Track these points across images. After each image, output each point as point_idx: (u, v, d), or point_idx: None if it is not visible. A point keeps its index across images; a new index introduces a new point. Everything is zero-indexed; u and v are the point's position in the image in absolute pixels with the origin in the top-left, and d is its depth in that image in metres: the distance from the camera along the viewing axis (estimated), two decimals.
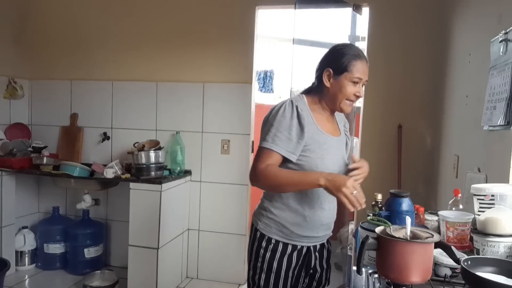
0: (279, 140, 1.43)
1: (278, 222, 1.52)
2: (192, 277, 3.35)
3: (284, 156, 1.44)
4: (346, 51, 1.49)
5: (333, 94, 1.51)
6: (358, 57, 1.48)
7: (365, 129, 3.03)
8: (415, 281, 1.07)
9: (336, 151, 1.56)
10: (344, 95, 1.49)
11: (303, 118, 1.45)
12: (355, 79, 1.47)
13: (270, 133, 1.45)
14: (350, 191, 1.30)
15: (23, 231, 3.33)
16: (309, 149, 1.47)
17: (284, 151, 1.44)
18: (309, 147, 1.47)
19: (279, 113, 1.46)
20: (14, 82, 3.40)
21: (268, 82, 4.77)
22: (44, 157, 3.22)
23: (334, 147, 1.55)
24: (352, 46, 1.54)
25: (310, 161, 1.47)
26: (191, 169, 3.28)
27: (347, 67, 1.46)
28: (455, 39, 2.49)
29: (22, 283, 3.17)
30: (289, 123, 1.44)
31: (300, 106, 1.47)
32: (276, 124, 1.45)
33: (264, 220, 1.55)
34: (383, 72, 2.94)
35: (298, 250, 1.55)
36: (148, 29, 3.33)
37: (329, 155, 1.51)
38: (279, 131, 1.44)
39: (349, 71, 1.47)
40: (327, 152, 1.50)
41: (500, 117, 1.56)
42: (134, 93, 3.37)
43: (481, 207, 1.38)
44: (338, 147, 1.58)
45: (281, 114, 1.45)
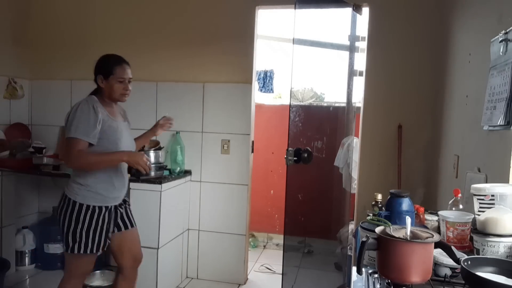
0: (80, 130, 1.90)
1: (93, 191, 2.01)
2: (192, 277, 3.35)
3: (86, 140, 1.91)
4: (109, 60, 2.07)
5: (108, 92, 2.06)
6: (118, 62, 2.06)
7: (365, 129, 3.03)
8: (415, 281, 1.07)
9: (126, 132, 2.13)
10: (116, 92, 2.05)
11: (98, 111, 1.95)
12: (120, 79, 2.05)
13: (72, 126, 1.91)
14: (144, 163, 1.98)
15: (23, 231, 3.33)
16: (107, 134, 1.98)
17: (85, 137, 1.91)
18: (108, 132, 1.98)
19: (78, 110, 1.94)
20: (14, 82, 3.40)
21: (268, 82, 4.76)
22: (44, 157, 3.22)
23: (124, 129, 2.12)
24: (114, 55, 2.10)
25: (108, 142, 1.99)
26: (191, 169, 3.28)
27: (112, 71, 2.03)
28: (455, 39, 2.49)
29: (22, 283, 3.17)
30: (86, 116, 1.92)
31: (95, 103, 1.98)
32: (76, 118, 1.91)
33: (81, 193, 2.00)
34: (383, 72, 2.95)
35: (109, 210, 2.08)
36: (148, 29, 3.33)
37: (122, 136, 2.06)
38: (80, 123, 1.91)
39: (114, 74, 2.03)
40: (122, 134, 2.06)
41: (500, 117, 1.56)
42: (134, 93, 3.33)
43: (481, 207, 1.38)
44: (127, 129, 2.17)
45: (79, 110, 1.93)
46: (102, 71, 2.05)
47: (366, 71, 2.97)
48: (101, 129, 1.96)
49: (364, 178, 3.01)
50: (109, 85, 2.05)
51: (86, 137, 1.92)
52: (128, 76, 2.09)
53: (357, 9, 2.93)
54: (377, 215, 1.49)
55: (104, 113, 2.01)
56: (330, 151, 3.35)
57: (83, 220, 2.00)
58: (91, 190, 2.02)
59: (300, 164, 2.68)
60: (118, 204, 2.17)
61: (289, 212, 2.94)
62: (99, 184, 2.03)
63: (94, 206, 2.03)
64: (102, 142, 1.98)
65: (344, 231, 3.22)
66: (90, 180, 2.02)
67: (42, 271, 3.36)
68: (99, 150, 1.97)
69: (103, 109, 2.02)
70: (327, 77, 3.96)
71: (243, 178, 3.22)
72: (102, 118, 1.96)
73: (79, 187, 2.03)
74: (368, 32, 2.95)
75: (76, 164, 1.98)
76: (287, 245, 3.08)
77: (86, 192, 2.02)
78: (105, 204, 2.06)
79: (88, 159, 1.94)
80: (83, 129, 1.91)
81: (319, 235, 3.88)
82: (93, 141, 1.94)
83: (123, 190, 2.18)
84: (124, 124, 2.16)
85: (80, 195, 2.01)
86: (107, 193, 2.06)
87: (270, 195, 4.20)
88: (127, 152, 2.03)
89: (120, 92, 2.06)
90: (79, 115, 1.92)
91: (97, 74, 2.07)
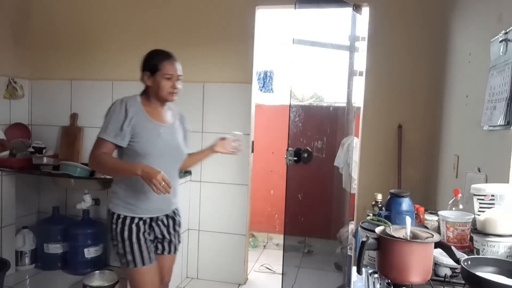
0: (107, 130, 1.76)
1: (123, 200, 1.84)
2: (192, 277, 3.35)
3: (114, 143, 1.77)
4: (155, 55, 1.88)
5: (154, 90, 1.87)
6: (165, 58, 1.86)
7: (365, 129, 3.03)
8: (415, 281, 1.07)
9: (168, 135, 1.89)
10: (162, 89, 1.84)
11: (131, 111, 1.79)
12: (167, 76, 1.84)
13: (103, 125, 1.79)
14: (159, 182, 1.63)
15: (23, 231, 3.33)
16: (139, 135, 1.79)
17: (111, 138, 1.76)
18: (140, 133, 1.79)
19: (111, 109, 1.80)
20: (14, 82, 3.40)
21: (268, 82, 4.77)
22: (44, 157, 3.22)
23: (165, 133, 1.89)
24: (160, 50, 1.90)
25: (140, 145, 1.79)
26: (191, 169, 3.28)
27: (158, 66, 1.84)
28: (455, 39, 2.49)
29: (22, 283, 3.17)
30: (117, 115, 1.77)
31: (130, 102, 1.82)
32: (107, 117, 1.79)
33: (113, 200, 1.86)
34: (383, 72, 2.95)
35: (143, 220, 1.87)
36: (148, 29, 3.33)
37: (160, 139, 1.85)
38: (110, 123, 1.77)
39: (160, 70, 1.83)
40: (158, 137, 1.84)
41: (500, 117, 1.56)
42: (134, 93, 3.36)
43: (481, 207, 1.38)
44: (171, 133, 1.92)
45: (112, 109, 1.80)
46: (148, 67, 1.86)
47: (366, 71, 2.97)
48: (133, 130, 1.79)
49: (364, 178, 3.01)
50: (155, 82, 1.85)
51: (112, 138, 1.76)
52: (177, 72, 1.87)
53: (357, 9, 2.93)
54: (377, 215, 1.50)
55: (140, 113, 1.83)
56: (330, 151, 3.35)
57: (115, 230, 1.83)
58: (120, 198, 1.85)
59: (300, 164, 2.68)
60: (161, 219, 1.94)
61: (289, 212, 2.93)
62: (127, 192, 1.84)
63: (126, 216, 1.84)
64: (133, 145, 1.80)
65: (344, 231, 3.22)
66: (118, 186, 1.87)
67: (42, 271, 3.36)
68: (130, 153, 1.81)
69: (141, 109, 1.84)
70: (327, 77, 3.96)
71: (243, 178, 3.22)
72: (134, 118, 1.79)
73: (111, 195, 1.89)
74: (368, 32, 2.95)
75: (93, 166, 1.85)
76: (287, 245, 3.08)
77: (116, 200, 1.86)
78: (138, 215, 1.85)
79: (104, 163, 1.76)
80: (110, 130, 1.77)
81: (319, 235, 3.87)
82: (121, 143, 1.78)
83: (162, 202, 1.91)
84: (169, 128, 1.92)
85: (113, 203, 1.87)
86: (137, 203, 1.84)
87: (270, 195, 4.20)
88: (145, 166, 1.68)
89: (168, 90, 1.85)
90: (110, 114, 1.79)
91: (143, 71, 1.89)
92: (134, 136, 1.79)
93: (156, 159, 1.80)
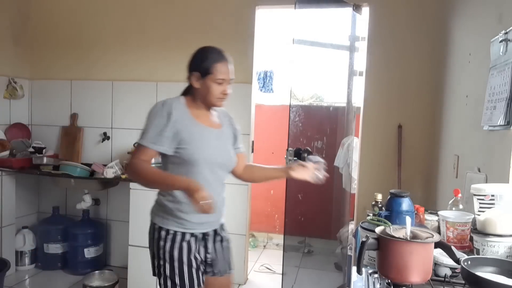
0: (148, 136, 1.57)
1: (173, 214, 1.63)
2: None
3: (156, 150, 1.58)
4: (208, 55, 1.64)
5: (202, 94, 1.65)
6: (219, 60, 1.63)
7: (365, 129, 3.03)
8: (415, 281, 1.07)
9: (216, 141, 1.69)
10: (212, 95, 1.64)
11: (174, 115, 1.59)
12: (219, 80, 1.62)
13: (143, 130, 1.60)
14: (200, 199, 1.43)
15: (23, 231, 3.33)
16: (186, 142, 1.59)
17: (155, 146, 1.57)
18: (186, 140, 1.59)
19: (151, 112, 1.62)
20: (14, 82, 3.40)
21: (268, 82, 4.76)
22: (44, 157, 3.22)
23: (214, 138, 1.68)
24: (214, 50, 1.67)
25: (188, 152, 1.59)
26: None
27: (210, 69, 1.61)
28: (455, 39, 2.49)
29: (22, 283, 3.17)
30: (158, 119, 1.58)
31: (173, 105, 1.62)
32: (147, 122, 1.60)
33: (161, 214, 1.66)
34: (383, 72, 2.95)
35: (195, 236, 1.66)
36: (148, 29, 3.33)
37: (208, 145, 1.64)
38: (150, 127, 1.58)
39: (213, 73, 1.61)
40: (207, 143, 1.64)
41: (500, 117, 1.56)
42: (134, 93, 3.37)
43: (481, 207, 1.38)
44: (219, 138, 1.72)
45: (153, 112, 1.61)
46: (199, 68, 1.63)
47: (366, 71, 2.97)
48: (178, 135, 1.58)
49: (364, 178, 3.01)
50: (205, 86, 1.63)
51: (153, 144, 1.56)
52: (230, 76, 1.66)
53: (357, 9, 2.93)
54: (377, 215, 1.50)
55: (186, 116, 1.63)
56: (330, 151, 3.36)
57: (163, 248, 1.62)
58: (168, 212, 1.64)
59: None
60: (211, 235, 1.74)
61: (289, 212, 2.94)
62: (176, 204, 1.62)
63: (176, 231, 1.63)
64: (180, 152, 1.59)
65: (344, 231, 3.22)
66: (165, 198, 1.65)
67: (42, 271, 3.36)
68: (177, 161, 1.61)
69: (186, 112, 1.64)
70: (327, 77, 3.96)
71: None
72: (179, 122, 1.59)
73: (157, 206, 1.70)
74: (368, 32, 2.95)
75: (130, 175, 1.61)
76: (287, 245, 3.08)
77: (165, 214, 1.65)
78: (189, 230, 1.65)
79: (143, 174, 1.55)
80: (151, 135, 1.57)
81: (319, 235, 3.88)
82: (163, 149, 1.58)
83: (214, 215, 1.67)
84: (217, 132, 1.71)
85: (159, 216, 1.67)
86: (188, 217, 1.63)
87: (270, 195, 4.20)
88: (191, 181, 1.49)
89: (217, 96, 1.64)
90: (151, 118, 1.60)
91: (192, 71, 1.66)
92: (181, 143, 1.59)
93: (205, 168, 1.62)
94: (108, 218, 3.50)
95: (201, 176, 1.60)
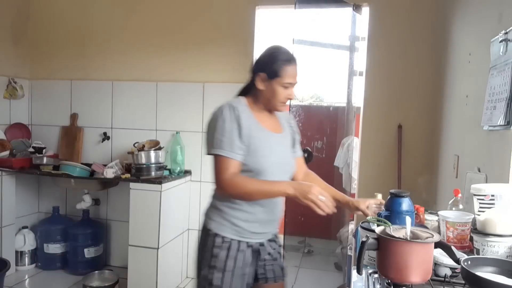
0: (225, 145, 1.46)
1: (230, 220, 1.54)
2: (192, 277, 3.35)
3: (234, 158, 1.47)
4: (278, 57, 1.52)
5: (266, 97, 1.56)
6: (289, 62, 1.52)
7: (365, 129, 3.03)
8: (415, 281, 1.07)
9: (280, 147, 1.60)
10: (277, 99, 1.54)
11: (243, 118, 1.49)
12: (286, 84, 1.52)
13: (215, 139, 1.47)
14: (317, 197, 1.35)
15: (23, 231, 3.33)
16: (253, 149, 1.50)
17: (233, 155, 1.47)
18: (252, 146, 1.50)
19: (220, 118, 1.49)
20: (14, 82, 3.40)
21: None
22: (44, 157, 3.22)
23: (277, 143, 1.59)
24: (284, 51, 1.56)
25: (255, 160, 1.50)
26: (191, 169, 3.28)
27: (278, 72, 1.51)
28: (455, 39, 2.49)
29: (22, 283, 3.17)
30: (229, 125, 1.47)
31: (240, 108, 1.51)
32: (218, 129, 1.48)
33: (216, 219, 1.57)
34: (383, 72, 2.95)
35: (250, 246, 1.58)
36: (148, 29, 3.33)
37: (273, 152, 1.55)
38: (223, 135, 1.47)
39: (281, 77, 1.51)
40: (271, 149, 1.55)
41: (500, 117, 1.56)
42: (134, 93, 3.38)
43: (481, 207, 1.38)
44: (282, 143, 1.63)
45: (221, 119, 1.48)
46: (266, 70, 1.53)
47: (366, 71, 2.97)
48: (246, 142, 1.49)
49: (364, 178, 3.01)
50: (271, 88, 1.53)
51: (232, 153, 1.46)
52: (296, 80, 1.56)
53: (357, 9, 2.93)
54: (377, 215, 1.49)
55: (251, 120, 1.53)
56: (330, 151, 3.36)
57: (217, 255, 1.53)
58: (227, 218, 1.55)
59: None
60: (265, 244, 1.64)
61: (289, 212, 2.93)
62: (237, 213, 1.54)
63: (232, 239, 1.54)
64: (246, 160, 1.50)
65: (344, 231, 3.22)
66: (225, 204, 1.55)
67: (42, 271, 3.36)
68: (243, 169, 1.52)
69: (251, 115, 1.54)
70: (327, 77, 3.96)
71: None
72: (245, 127, 1.49)
73: (213, 211, 1.59)
74: (368, 32, 2.95)
75: (229, 191, 1.47)
76: (287, 245, 3.08)
77: (220, 219, 1.56)
78: (245, 239, 1.56)
79: (243, 187, 1.45)
80: (226, 143, 1.46)
81: (319, 235, 3.88)
82: (240, 158, 1.49)
83: (273, 225, 1.65)
84: (279, 137, 1.63)
85: (215, 221, 1.57)
86: (247, 226, 1.55)
87: None
88: (293, 183, 1.45)
89: (282, 100, 1.55)
90: (221, 125, 1.48)
91: (258, 72, 1.55)
92: (249, 150, 1.50)
93: (271, 176, 1.53)
94: (108, 218, 3.50)
95: None
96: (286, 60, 1.52)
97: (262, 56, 1.58)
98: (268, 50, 1.58)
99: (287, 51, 1.56)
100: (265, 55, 1.57)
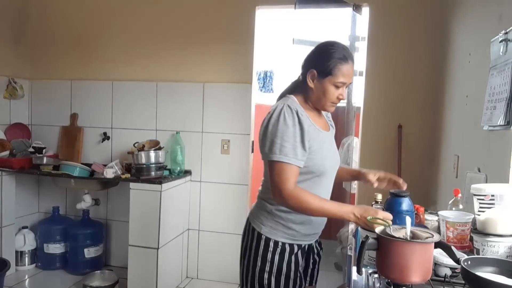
0: (288, 151, 1.37)
1: (284, 224, 1.50)
2: (192, 277, 3.35)
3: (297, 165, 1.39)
4: (333, 54, 1.43)
5: (316, 96, 1.48)
6: (344, 60, 1.43)
7: (365, 129, 3.03)
8: (415, 281, 1.07)
9: (332, 145, 1.58)
10: (327, 98, 1.47)
11: (303, 121, 1.41)
12: (339, 84, 1.44)
13: (275, 144, 1.38)
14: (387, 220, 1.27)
15: (23, 231, 3.33)
16: (313, 151, 1.44)
17: (296, 161, 1.39)
18: (313, 148, 1.44)
19: (280, 121, 1.39)
20: (14, 82, 3.40)
21: (268, 82, 4.76)
22: (44, 157, 3.22)
23: (330, 143, 1.57)
24: (339, 47, 1.46)
25: (315, 162, 1.45)
26: (191, 169, 3.28)
27: (332, 71, 1.43)
28: (455, 39, 2.49)
29: (22, 283, 3.17)
30: (292, 129, 1.39)
31: (299, 110, 1.44)
32: (279, 133, 1.38)
33: (269, 223, 1.51)
34: (383, 72, 2.95)
35: (302, 249, 1.56)
36: (148, 29, 3.33)
37: (329, 152, 1.52)
38: (285, 140, 1.38)
39: (334, 75, 1.43)
40: (327, 150, 1.51)
41: (500, 117, 1.56)
42: (134, 93, 3.38)
43: (481, 207, 1.38)
44: (332, 142, 1.60)
45: (282, 121, 1.39)
46: (319, 67, 1.44)
47: (366, 71, 2.97)
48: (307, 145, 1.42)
49: None
50: (321, 87, 1.45)
51: (296, 159, 1.38)
52: (350, 81, 1.48)
53: (357, 9, 2.92)
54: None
55: (309, 121, 1.45)
56: None
57: (271, 260, 1.48)
58: (280, 222, 1.49)
59: None
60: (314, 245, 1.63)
61: None
62: (292, 216, 1.48)
63: (285, 243, 1.50)
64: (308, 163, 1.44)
65: (344, 231, 3.22)
66: (280, 208, 1.48)
67: (42, 271, 3.37)
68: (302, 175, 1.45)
69: (308, 116, 1.47)
70: None
71: (243, 178, 3.22)
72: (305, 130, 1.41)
73: (266, 216, 1.51)
74: (368, 32, 2.95)
75: (289, 203, 1.39)
76: None
77: (274, 224, 1.50)
78: (297, 242, 1.52)
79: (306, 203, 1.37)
80: (291, 150, 1.38)
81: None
82: (302, 165, 1.42)
83: (322, 225, 1.60)
84: (330, 136, 1.58)
85: (267, 226, 1.50)
86: (301, 229, 1.51)
87: None
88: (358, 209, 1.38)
89: (332, 100, 1.47)
90: (282, 129, 1.38)
91: (310, 68, 1.46)
92: (309, 152, 1.43)
93: (329, 177, 1.50)
94: (108, 218, 3.50)
95: (326, 187, 1.50)
96: (341, 58, 1.43)
97: (316, 53, 1.49)
98: (322, 45, 1.49)
99: (343, 48, 1.46)
100: (319, 51, 1.48)
